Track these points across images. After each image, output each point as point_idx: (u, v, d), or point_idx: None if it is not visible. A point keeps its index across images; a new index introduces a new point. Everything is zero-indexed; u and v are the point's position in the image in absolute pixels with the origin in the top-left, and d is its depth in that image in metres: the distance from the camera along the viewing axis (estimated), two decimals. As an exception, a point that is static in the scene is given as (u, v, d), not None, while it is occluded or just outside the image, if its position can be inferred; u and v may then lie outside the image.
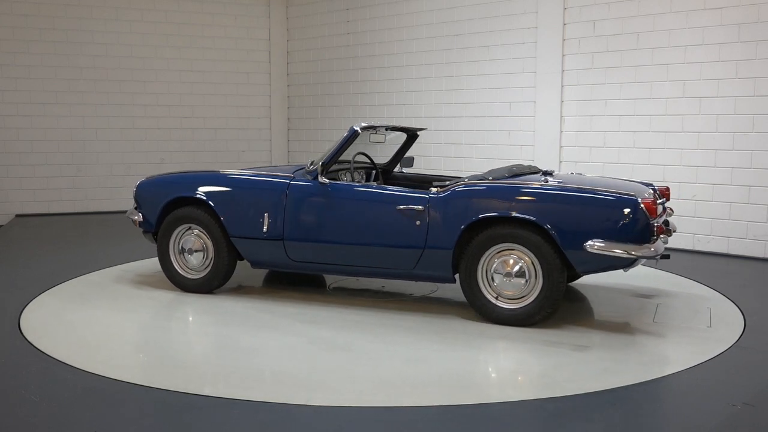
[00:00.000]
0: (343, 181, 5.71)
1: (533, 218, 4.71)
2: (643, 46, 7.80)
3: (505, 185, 4.98)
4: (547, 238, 4.71)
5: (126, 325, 4.95)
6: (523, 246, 4.76)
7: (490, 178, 5.11)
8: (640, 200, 4.63)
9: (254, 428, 3.32)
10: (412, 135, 6.44)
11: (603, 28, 8.08)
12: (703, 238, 7.58)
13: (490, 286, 4.91)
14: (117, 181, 10.61)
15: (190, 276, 5.77)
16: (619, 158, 8.06)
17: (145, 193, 5.94)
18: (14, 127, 10.01)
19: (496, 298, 4.89)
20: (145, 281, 6.15)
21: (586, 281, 6.04)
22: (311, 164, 5.48)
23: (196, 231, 5.71)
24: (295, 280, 6.24)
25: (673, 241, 5.35)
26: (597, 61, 8.15)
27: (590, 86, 8.22)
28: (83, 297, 5.65)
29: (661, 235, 4.83)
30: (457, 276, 5.06)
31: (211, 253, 5.68)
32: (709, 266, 6.96)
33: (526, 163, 6.86)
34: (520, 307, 4.82)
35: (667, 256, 5.25)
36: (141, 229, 5.97)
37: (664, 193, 5.50)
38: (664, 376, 3.98)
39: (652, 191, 5.24)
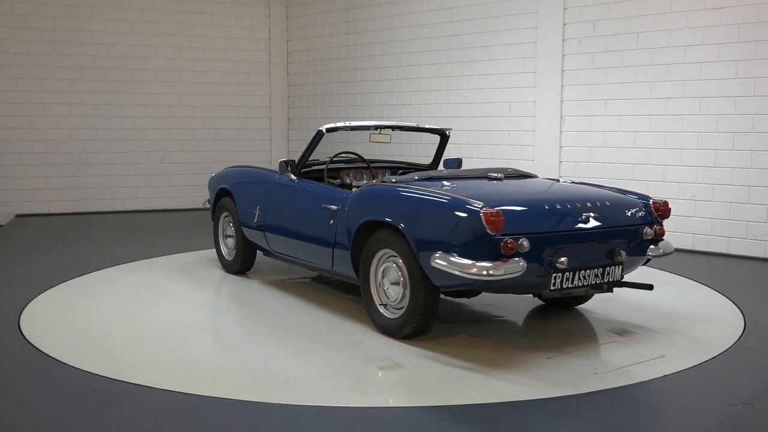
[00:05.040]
0: (344, 180, 5.92)
1: (388, 220, 4.43)
2: (643, 46, 7.80)
3: (379, 187, 4.78)
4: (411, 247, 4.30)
5: (126, 324, 4.94)
6: (397, 253, 4.44)
7: (393, 180, 4.89)
8: (480, 209, 3.94)
9: (254, 428, 3.32)
10: (443, 135, 6.37)
11: (603, 28, 8.08)
12: (703, 238, 7.57)
13: (377, 292, 4.66)
14: (117, 181, 10.62)
15: (227, 258, 6.50)
16: (619, 158, 8.06)
17: (209, 185, 6.78)
18: (14, 127, 10.01)
19: (385, 306, 4.62)
20: (145, 281, 6.15)
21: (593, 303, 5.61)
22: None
23: (231, 219, 6.37)
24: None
25: (674, 241, 5.25)
26: (597, 61, 8.15)
27: (590, 86, 8.22)
28: (83, 297, 5.65)
29: (562, 260, 4.07)
30: None
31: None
32: (709, 266, 6.96)
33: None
34: (393, 319, 4.53)
35: (649, 287, 4.69)
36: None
37: (659, 209, 4.70)
38: (663, 376, 3.97)
39: (643, 205, 4.69)
